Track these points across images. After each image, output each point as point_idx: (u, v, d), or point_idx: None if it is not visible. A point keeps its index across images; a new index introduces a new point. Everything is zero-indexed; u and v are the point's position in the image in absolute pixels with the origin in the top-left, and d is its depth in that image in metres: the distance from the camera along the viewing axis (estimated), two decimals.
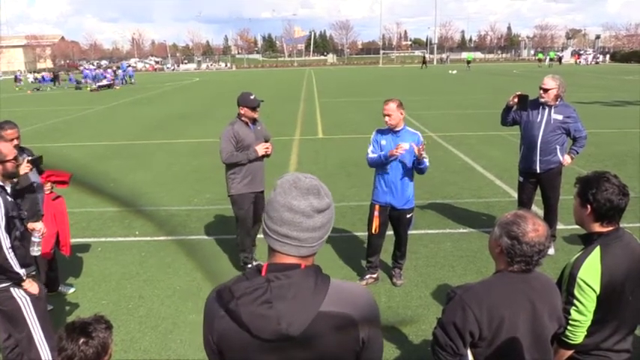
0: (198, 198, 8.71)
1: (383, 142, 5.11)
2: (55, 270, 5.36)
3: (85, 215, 7.76)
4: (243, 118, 5.54)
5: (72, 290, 5.49)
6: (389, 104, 4.99)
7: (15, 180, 4.36)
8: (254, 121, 5.61)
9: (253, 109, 5.50)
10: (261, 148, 5.49)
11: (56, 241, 5.17)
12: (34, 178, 4.76)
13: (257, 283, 1.50)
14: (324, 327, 1.49)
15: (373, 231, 5.29)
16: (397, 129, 5.04)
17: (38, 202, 4.81)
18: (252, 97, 5.50)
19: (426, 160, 4.99)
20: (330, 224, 1.58)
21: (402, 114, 5.01)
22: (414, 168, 5.12)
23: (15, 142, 4.63)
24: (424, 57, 73.75)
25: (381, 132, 5.21)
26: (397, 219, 5.26)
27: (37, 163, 4.57)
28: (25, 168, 4.43)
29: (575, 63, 70.34)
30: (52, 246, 5.06)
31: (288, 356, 1.51)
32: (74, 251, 6.17)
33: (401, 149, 4.84)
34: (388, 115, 4.98)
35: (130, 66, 63.40)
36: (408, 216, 5.26)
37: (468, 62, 64.30)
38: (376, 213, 5.24)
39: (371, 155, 5.16)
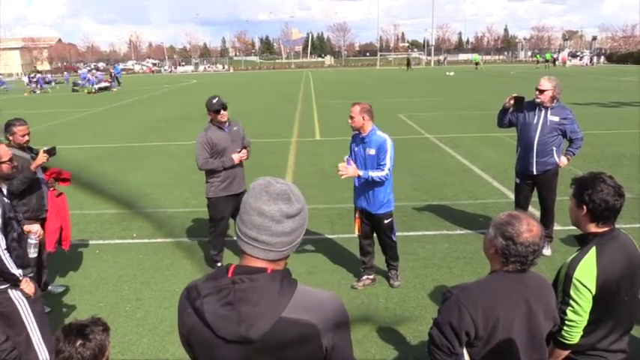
0: (196, 200, 8.70)
1: (355, 149, 5.16)
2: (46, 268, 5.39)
3: (82, 217, 7.75)
4: (214, 123, 5.61)
5: (61, 289, 5.52)
6: (354, 107, 5.00)
7: (28, 180, 4.56)
8: (228, 123, 5.65)
9: (217, 112, 5.52)
10: (236, 156, 5.56)
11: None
12: (39, 174, 5.01)
13: (223, 283, 1.52)
14: (284, 333, 1.49)
15: (356, 232, 5.36)
16: (363, 134, 5.01)
17: (44, 197, 5.10)
18: (214, 101, 5.53)
19: (368, 174, 4.89)
20: (302, 229, 1.59)
21: (364, 119, 4.93)
22: None
23: (26, 137, 4.96)
24: (408, 59, 73.82)
25: (353, 138, 5.26)
26: (376, 224, 5.24)
27: (52, 153, 4.93)
28: (42, 158, 4.83)
29: (560, 63, 67.12)
30: (56, 240, 5.18)
31: (249, 358, 1.52)
32: (72, 253, 6.17)
33: (344, 175, 4.90)
34: (350, 118, 5.00)
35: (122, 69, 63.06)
36: (386, 221, 5.18)
37: (477, 63, 64.64)
38: (356, 215, 5.30)
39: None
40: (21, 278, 3.45)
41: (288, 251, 1.57)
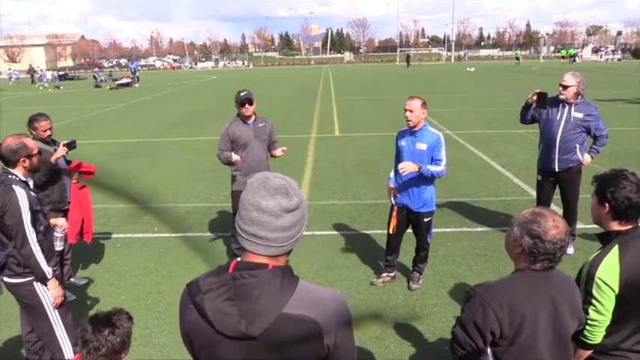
0: (216, 195, 8.78)
1: (402, 144, 5.06)
2: (68, 259, 5.49)
3: (105, 211, 7.87)
4: (240, 116, 5.65)
5: (84, 282, 5.63)
6: (413, 100, 4.85)
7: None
8: (254, 118, 5.66)
9: (241, 104, 5.53)
10: (235, 157, 5.50)
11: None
12: (63, 166, 5.11)
13: (223, 279, 1.52)
14: (286, 329, 1.48)
15: (391, 231, 5.27)
16: (416, 128, 4.91)
17: (66, 188, 5.19)
18: (241, 94, 5.54)
19: (427, 168, 4.84)
20: (302, 224, 1.57)
21: (424, 113, 4.88)
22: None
23: (48, 132, 5.04)
24: (407, 55, 70.88)
25: (400, 134, 5.15)
26: (415, 222, 5.18)
27: (72, 146, 5.03)
28: (61, 151, 4.92)
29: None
30: (77, 232, 5.28)
31: (250, 355, 1.51)
32: (94, 246, 6.28)
33: (407, 171, 4.77)
34: (410, 111, 4.83)
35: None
36: (426, 220, 5.12)
37: (517, 58, 62.56)
38: (394, 213, 5.20)
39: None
40: (49, 277, 3.43)
41: (289, 246, 1.56)
